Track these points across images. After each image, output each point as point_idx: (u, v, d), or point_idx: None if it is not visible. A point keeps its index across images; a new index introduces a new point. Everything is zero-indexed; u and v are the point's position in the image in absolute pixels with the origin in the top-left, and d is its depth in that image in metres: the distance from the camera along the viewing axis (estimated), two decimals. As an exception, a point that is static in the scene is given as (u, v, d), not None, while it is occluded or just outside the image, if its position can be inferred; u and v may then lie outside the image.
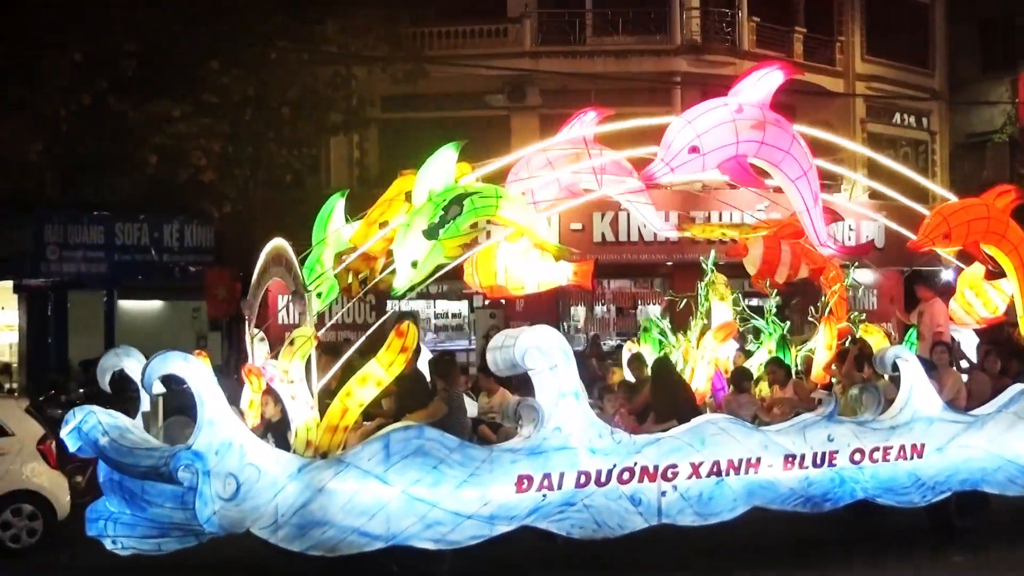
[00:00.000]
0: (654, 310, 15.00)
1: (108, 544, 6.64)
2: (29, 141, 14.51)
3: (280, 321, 11.74)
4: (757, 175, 7.28)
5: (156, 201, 16.71)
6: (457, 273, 7.92)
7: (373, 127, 17.80)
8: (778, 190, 7.81)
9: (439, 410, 6.83)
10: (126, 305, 17.09)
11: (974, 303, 9.36)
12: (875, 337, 10.37)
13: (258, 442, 6.19)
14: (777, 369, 8.64)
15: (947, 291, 10.11)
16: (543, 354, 6.75)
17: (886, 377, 8.35)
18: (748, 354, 9.50)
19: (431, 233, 6.31)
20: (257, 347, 7.67)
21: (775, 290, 9.81)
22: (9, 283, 16.61)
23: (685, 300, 9.61)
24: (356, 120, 16.80)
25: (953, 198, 9.09)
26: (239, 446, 6.07)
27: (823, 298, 9.34)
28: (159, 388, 6.93)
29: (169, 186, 15.74)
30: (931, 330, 10.25)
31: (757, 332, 9.94)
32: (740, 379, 8.28)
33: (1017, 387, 8.38)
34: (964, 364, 9.82)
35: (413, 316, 12.25)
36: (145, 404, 7.19)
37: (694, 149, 7.05)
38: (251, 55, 15.11)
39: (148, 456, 6.18)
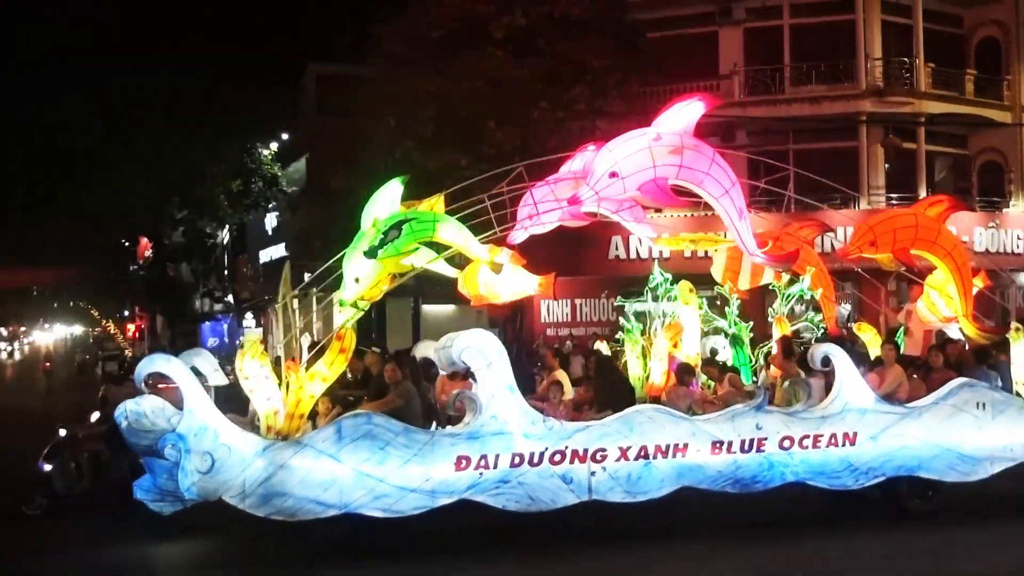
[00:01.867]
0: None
1: (148, 505, 7.96)
2: (358, 188, 17.81)
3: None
4: (675, 195, 8.04)
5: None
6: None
7: None
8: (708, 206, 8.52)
9: (392, 401, 7.92)
10: (428, 309, 22.11)
11: (938, 303, 9.75)
12: (867, 335, 10.86)
13: (230, 425, 7.45)
14: (710, 367, 9.32)
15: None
16: (479, 354, 7.76)
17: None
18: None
19: (371, 253, 7.42)
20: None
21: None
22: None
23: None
24: None
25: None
26: (214, 429, 7.34)
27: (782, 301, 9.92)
28: (221, 380, 8.43)
29: (459, 217, 18.41)
30: (920, 328, 10.66)
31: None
32: (682, 374, 8.99)
33: (957, 381, 8.80)
34: None
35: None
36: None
37: (613, 174, 7.89)
38: (518, 115, 18.15)
39: (147, 437, 7.53)
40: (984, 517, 8.86)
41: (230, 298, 35.39)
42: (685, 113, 8.15)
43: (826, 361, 8.61)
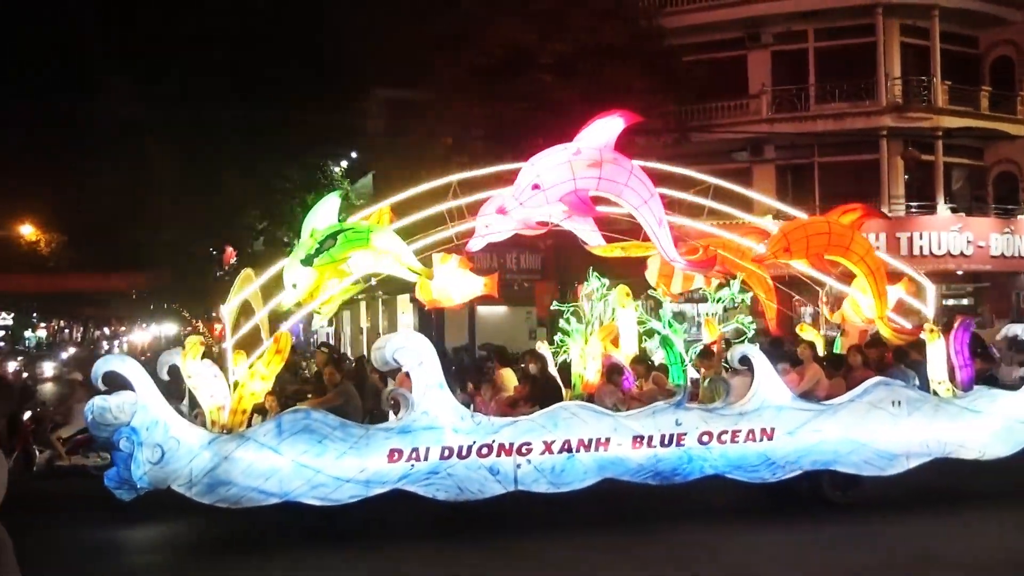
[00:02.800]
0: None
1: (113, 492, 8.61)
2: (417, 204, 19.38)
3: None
4: (594, 207, 8.62)
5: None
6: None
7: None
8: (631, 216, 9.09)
9: (331, 400, 8.58)
10: (482, 311, 23.13)
11: (862, 304, 10.20)
12: (808, 335, 11.33)
13: (180, 420, 8.13)
14: (638, 365, 9.84)
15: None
16: (411, 353, 8.39)
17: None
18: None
19: (307, 261, 8.07)
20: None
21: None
22: (406, 295, 21.93)
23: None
24: None
25: None
26: (164, 423, 8.02)
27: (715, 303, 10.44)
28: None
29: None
30: (856, 328, 11.10)
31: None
32: (610, 373, 9.55)
33: (873, 379, 9.26)
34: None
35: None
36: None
37: (536, 186, 8.47)
38: (563, 133, 18.52)
39: (107, 430, 8.23)
40: (900, 509, 9.30)
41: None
42: (606, 129, 8.71)
43: (745, 360, 9.12)
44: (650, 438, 8.74)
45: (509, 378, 10.17)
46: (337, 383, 8.67)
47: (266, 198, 30.67)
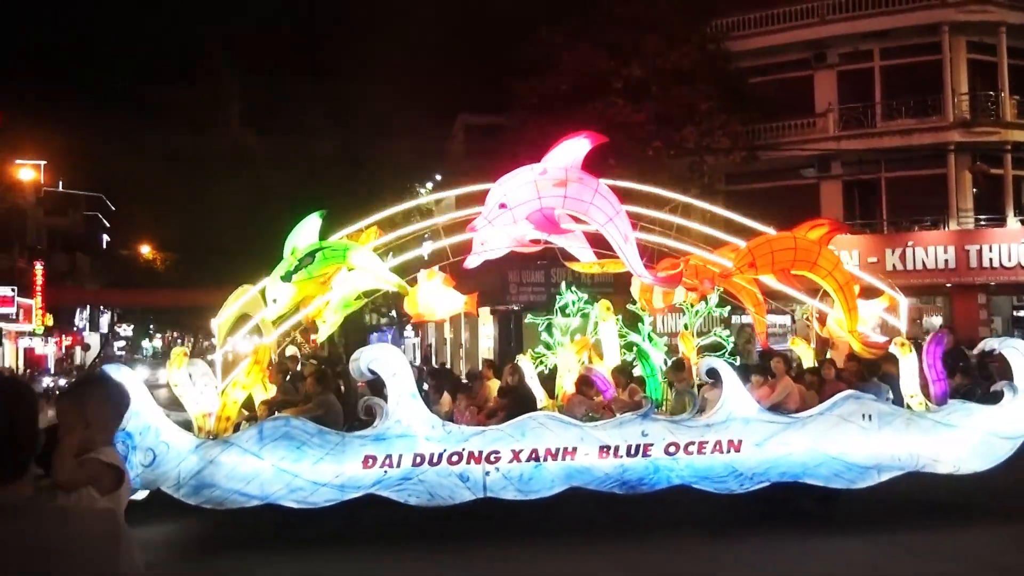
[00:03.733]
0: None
1: None
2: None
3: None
4: (559, 226, 9.00)
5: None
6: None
7: (720, 196, 23.05)
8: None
9: (311, 410, 9.13)
10: (558, 322, 24.11)
11: (843, 318, 10.29)
12: (799, 347, 11.47)
13: (170, 425, 8.78)
14: (619, 376, 10.12)
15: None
16: (385, 365, 8.89)
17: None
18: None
19: (286, 278, 8.67)
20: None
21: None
22: (487, 308, 23.75)
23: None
24: (708, 192, 22.11)
25: None
26: (155, 428, 8.67)
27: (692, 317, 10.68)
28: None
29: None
30: (844, 342, 11.18)
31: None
32: (580, 384, 9.87)
33: (844, 392, 9.38)
34: None
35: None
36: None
37: (502, 205, 8.91)
38: (635, 154, 20.89)
39: (107, 436, 8.93)
40: (871, 522, 9.37)
41: (393, 312, 39.30)
42: (572, 149, 9.10)
43: (713, 373, 9.36)
44: (616, 448, 9.03)
45: (495, 389, 10.59)
46: (317, 394, 9.21)
47: (357, 215, 32.71)
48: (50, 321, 42.64)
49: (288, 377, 10.95)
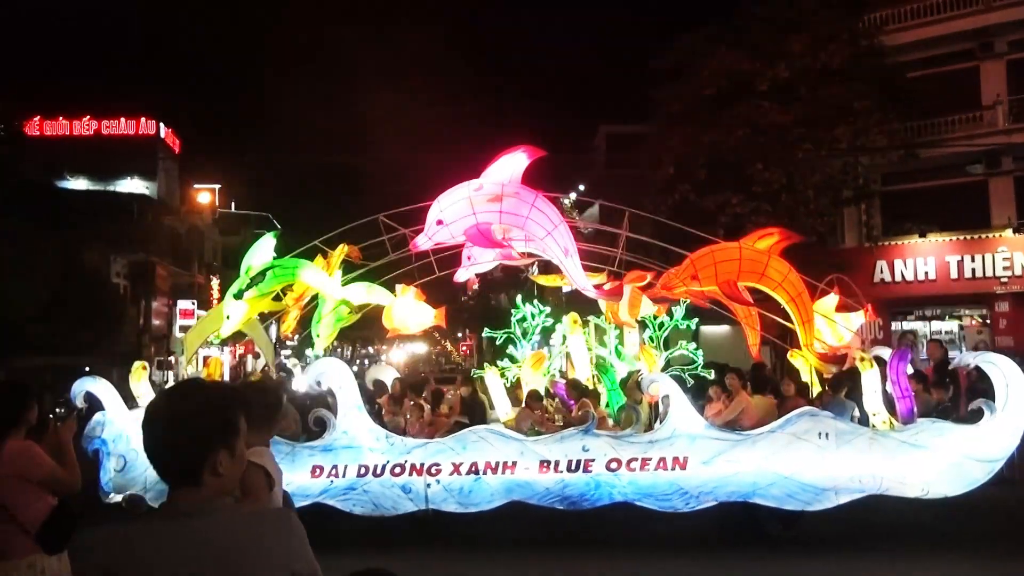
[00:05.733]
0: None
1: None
2: (643, 227, 21.74)
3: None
4: (493, 239, 9.08)
5: None
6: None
7: (876, 197, 23.31)
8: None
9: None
10: (706, 329, 24.31)
11: (824, 331, 9.82)
12: (798, 360, 11.02)
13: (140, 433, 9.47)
14: (571, 390, 10.03)
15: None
16: (330, 378, 9.28)
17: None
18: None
19: (238, 295, 9.21)
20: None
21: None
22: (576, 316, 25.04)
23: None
24: (863, 194, 22.48)
25: None
26: (127, 436, 9.43)
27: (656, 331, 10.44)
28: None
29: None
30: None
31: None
32: (528, 399, 9.87)
33: (799, 410, 8.96)
34: None
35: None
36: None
37: (440, 221, 9.10)
38: (783, 156, 21.19)
39: (92, 442, 9.78)
40: (830, 544, 8.93)
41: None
42: (510, 164, 9.16)
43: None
44: (557, 463, 9.03)
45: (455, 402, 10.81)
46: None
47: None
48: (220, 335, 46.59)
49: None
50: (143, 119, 46.22)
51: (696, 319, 10.74)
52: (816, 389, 10.46)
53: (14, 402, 4.55)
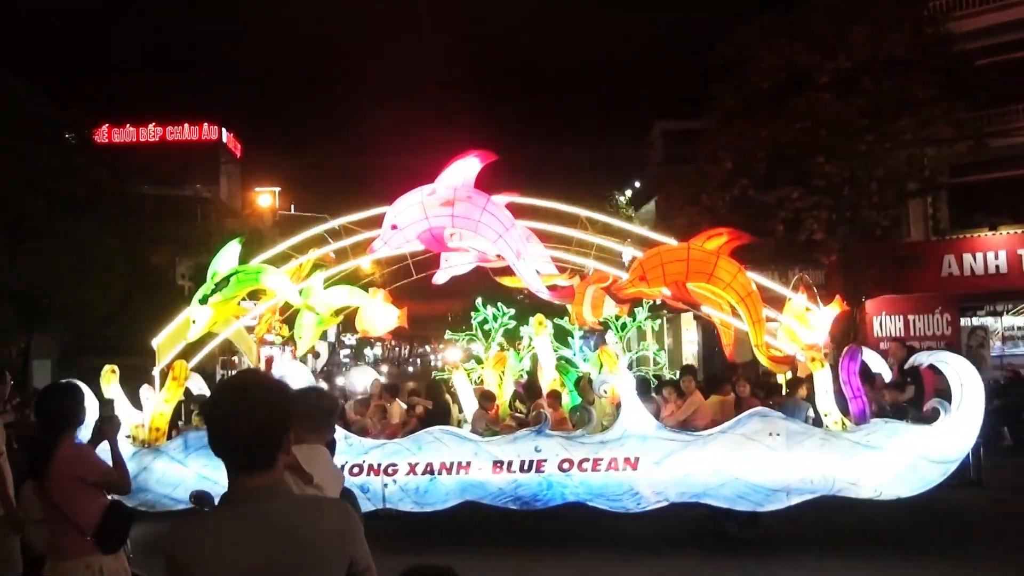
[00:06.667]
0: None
1: None
2: (701, 223, 21.97)
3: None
4: (445, 244, 9.23)
5: (783, 255, 22.94)
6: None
7: (944, 189, 22.73)
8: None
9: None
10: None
11: (797, 331, 9.73)
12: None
13: (114, 436, 9.87)
14: (527, 391, 10.11)
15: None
16: (293, 380, 9.52)
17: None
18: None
19: (203, 300, 9.52)
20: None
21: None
22: (690, 313, 23.99)
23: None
24: (930, 186, 21.83)
25: None
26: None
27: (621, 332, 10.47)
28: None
29: (791, 244, 22.29)
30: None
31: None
32: (482, 400, 9.98)
33: (750, 411, 8.92)
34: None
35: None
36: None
37: (394, 226, 9.29)
38: (845, 149, 20.77)
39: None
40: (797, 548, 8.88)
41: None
42: (463, 168, 9.31)
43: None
44: (510, 463, 9.15)
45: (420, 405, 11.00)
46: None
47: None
48: (287, 332, 47.33)
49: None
50: (205, 124, 47.84)
51: (660, 320, 10.71)
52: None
53: (72, 403, 4.62)
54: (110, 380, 9.75)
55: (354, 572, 2.33)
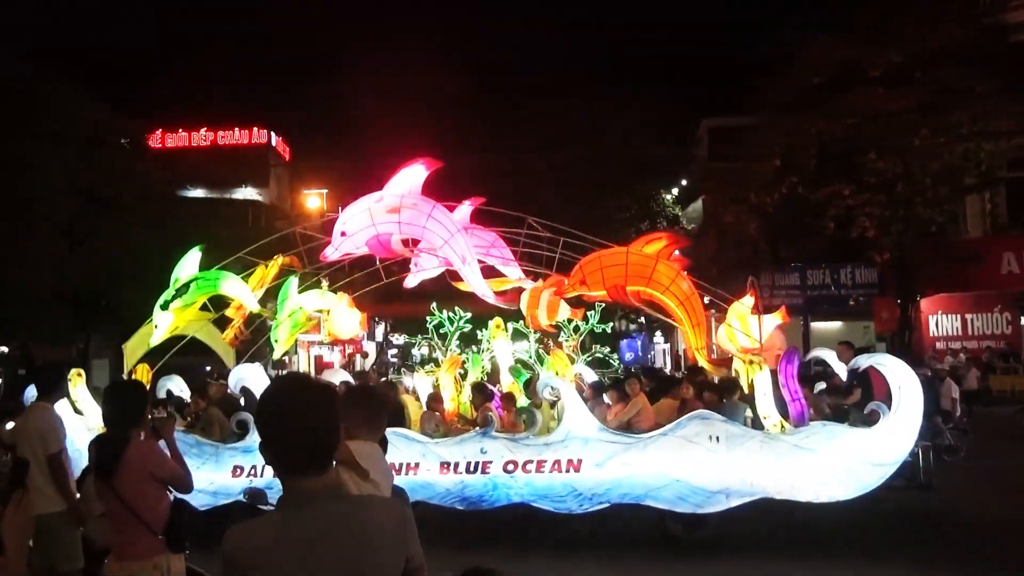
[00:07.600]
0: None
1: None
2: (749, 222, 21.65)
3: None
4: (392, 249, 9.44)
5: (834, 253, 23.14)
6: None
7: (1002, 184, 22.50)
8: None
9: (208, 425, 10.25)
10: (817, 326, 24.68)
11: (738, 333, 9.78)
12: (737, 363, 10.97)
13: (84, 435, 10.25)
14: (476, 394, 10.26)
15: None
16: (250, 383, 9.83)
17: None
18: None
19: (164, 306, 9.86)
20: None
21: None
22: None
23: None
24: (987, 181, 21.63)
25: None
26: (70, 438, 10.19)
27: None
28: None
29: (842, 242, 21.97)
30: (772, 355, 10.57)
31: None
32: (430, 401, 10.16)
33: (691, 413, 8.98)
34: None
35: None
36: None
37: (343, 233, 9.53)
38: (898, 144, 20.68)
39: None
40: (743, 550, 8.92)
41: (643, 319, 41.17)
42: (410, 175, 9.51)
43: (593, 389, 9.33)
44: (456, 465, 9.34)
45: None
46: (204, 409, 10.34)
47: (603, 226, 34.64)
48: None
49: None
50: (255, 129, 48.70)
51: (611, 323, 10.82)
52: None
53: (139, 400, 4.66)
54: (76, 383, 10.13)
55: (409, 570, 2.35)
